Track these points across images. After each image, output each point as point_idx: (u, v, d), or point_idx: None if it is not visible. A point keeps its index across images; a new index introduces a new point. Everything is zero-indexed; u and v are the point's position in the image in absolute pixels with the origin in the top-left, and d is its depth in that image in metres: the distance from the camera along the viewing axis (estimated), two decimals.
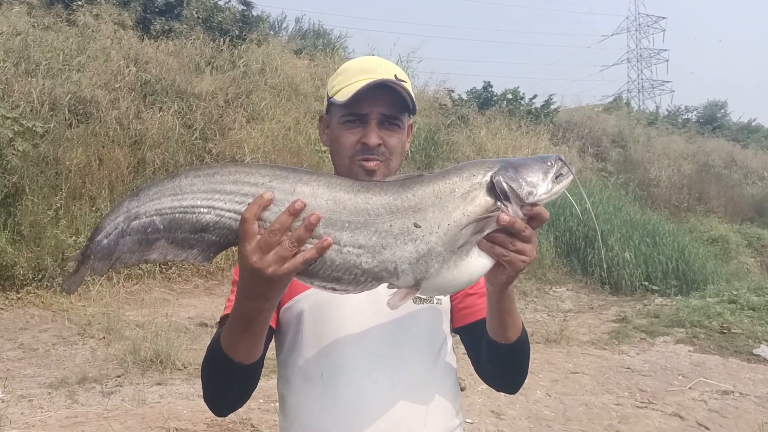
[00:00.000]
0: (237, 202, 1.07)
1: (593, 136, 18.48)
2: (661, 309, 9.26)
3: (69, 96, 9.01)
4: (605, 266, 10.92)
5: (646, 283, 10.75)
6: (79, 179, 8.40)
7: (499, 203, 1.10)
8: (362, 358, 1.39)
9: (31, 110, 8.47)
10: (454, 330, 1.53)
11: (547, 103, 18.48)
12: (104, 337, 6.39)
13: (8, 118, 7.87)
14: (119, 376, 5.41)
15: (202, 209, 1.07)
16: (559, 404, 5.38)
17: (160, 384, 5.28)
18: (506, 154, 14.59)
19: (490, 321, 1.33)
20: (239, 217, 1.05)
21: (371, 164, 1.39)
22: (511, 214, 1.09)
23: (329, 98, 1.47)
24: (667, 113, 28.39)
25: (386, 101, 1.39)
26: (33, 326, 6.51)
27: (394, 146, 1.42)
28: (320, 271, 1.07)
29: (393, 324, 1.41)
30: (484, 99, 17.93)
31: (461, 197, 1.10)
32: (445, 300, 1.49)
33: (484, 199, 1.10)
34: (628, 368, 6.49)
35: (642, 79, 45.50)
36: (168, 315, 6.96)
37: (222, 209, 1.07)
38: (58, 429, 4.31)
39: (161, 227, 1.08)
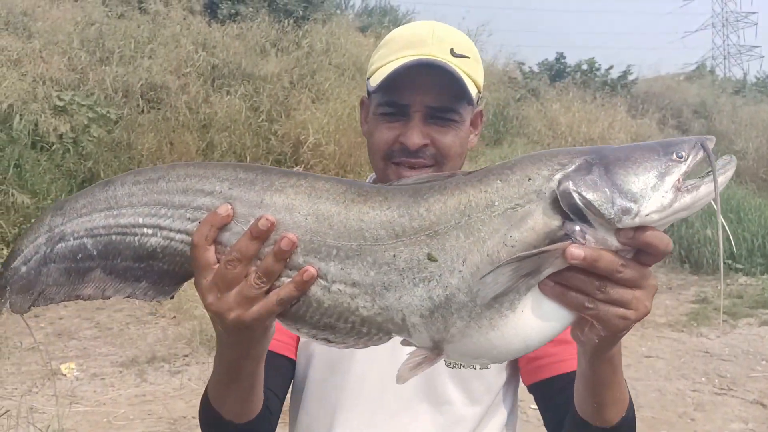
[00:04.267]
0: (188, 219, 0.80)
1: (674, 107, 17.60)
2: (745, 289, 8.76)
3: (141, 83, 9.29)
4: (687, 243, 10.41)
5: (730, 262, 10.17)
6: (151, 163, 8.66)
7: (569, 226, 0.71)
8: (367, 429, 1.10)
9: (105, 97, 8.80)
10: (528, 388, 1.17)
11: (625, 74, 17.71)
12: (174, 317, 6.59)
13: (83, 105, 8.19)
14: (186, 356, 5.56)
15: (145, 230, 0.81)
16: (630, 389, 5.13)
17: None
18: (580, 129, 14.11)
19: (581, 395, 0.94)
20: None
21: (411, 171, 1.05)
22: (593, 244, 0.70)
23: (368, 78, 1.15)
24: (755, 80, 26.67)
25: (435, 88, 1.04)
26: (109, 306, 6.76)
27: (447, 146, 1.06)
28: (306, 314, 0.77)
29: (415, 390, 1.09)
30: (556, 71, 17.38)
31: (503, 215, 0.73)
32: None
33: (542, 219, 0.72)
34: (707, 352, 6.16)
35: (728, 44, 42.92)
36: None
37: (171, 229, 0.80)
38: (127, 407, 4.46)
39: (95, 253, 0.82)
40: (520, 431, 1.22)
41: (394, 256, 0.75)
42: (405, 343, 0.79)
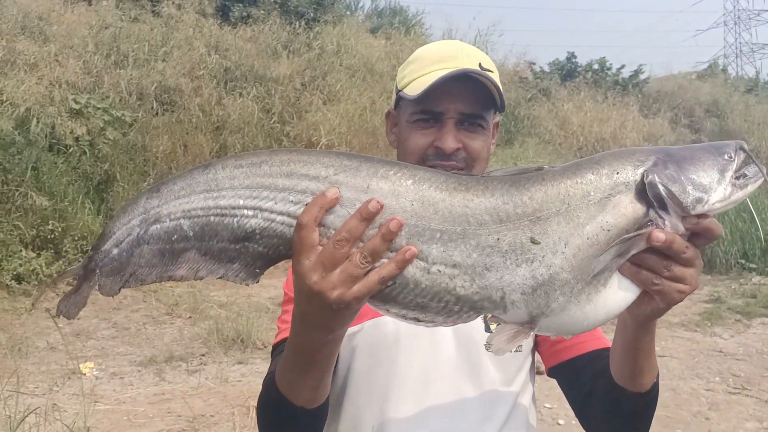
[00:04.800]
0: (291, 201, 0.83)
1: (686, 106, 17.53)
2: (759, 288, 8.71)
3: (155, 85, 9.38)
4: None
5: (743, 261, 10.12)
6: (166, 165, 8.76)
7: (652, 213, 0.82)
8: (419, 415, 1.15)
9: (120, 100, 8.89)
10: (549, 371, 1.27)
11: (636, 73, 17.64)
12: (190, 317, 6.67)
13: (99, 108, 8.29)
14: (203, 355, 5.63)
15: (245, 211, 0.83)
16: None
17: (241, 363, 5.45)
18: (591, 128, 14.10)
19: (619, 363, 1.04)
20: (294, 222, 0.81)
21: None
22: (669, 229, 0.80)
23: (398, 91, 1.25)
24: None
25: (468, 96, 1.15)
26: (125, 306, 6.86)
27: (477, 151, 1.17)
28: (400, 295, 0.82)
29: (459, 373, 1.17)
30: (567, 70, 17.32)
31: (598, 204, 0.82)
32: (527, 341, 1.22)
33: (631, 207, 0.82)
34: (721, 352, 6.15)
35: (740, 42, 42.64)
36: (249, 295, 7.19)
37: (272, 211, 0.83)
38: (146, 405, 4.53)
39: (191, 234, 0.84)
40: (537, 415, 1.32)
41: (498, 239, 0.81)
42: (493, 319, 0.85)
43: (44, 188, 7.31)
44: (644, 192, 0.82)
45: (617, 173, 0.84)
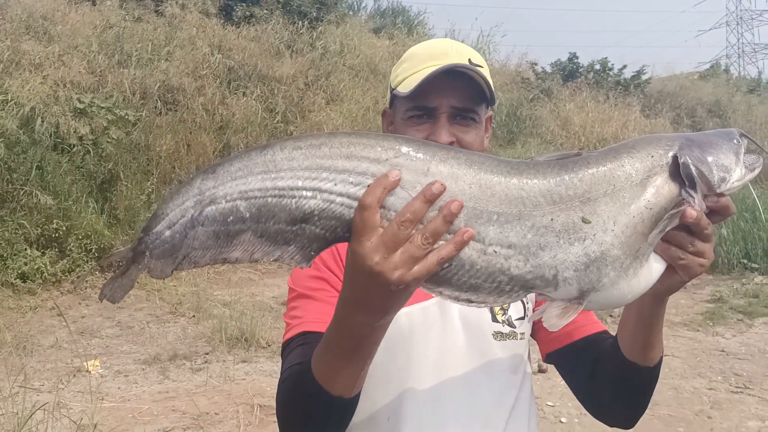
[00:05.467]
0: (352, 183, 0.82)
1: (688, 106, 17.51)
2: (761, 288, 8.72)
3: (158, 85, 9.41)
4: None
5: (745, 261, 10.12)
6: (169, 165, 8.79)
7: (683, 192, 0.88)
8: (434, 403, 1.17)
9: (123, 99, 8.92)
10: (547, 357, 1.31)
11: (638, 73, 17.63)
12: (194, 316, 6.69)
13: (102, 107, 8.31)
14: (207, 354, 5.65)
15: (304, 192, 0.82)
16: None
17: (245, 361, 5.48)
18: (593, 129, 14.10)
19: (632, 337, 1.09)
20: (355, 204, 0.81)
21: None
22: (697, 206, 0.87)
23: (392, 90, 1.29)
24: None
25: (459, 91, 1.19)
26: (129, 305, 6.88)
27: (470, 143, 1.21)
28: (454, 276, 0.84)
29: (470, 362, 1.20)
30: (569, 71, 17.32)
31: (640, 184, 0.88)
32: (527, 329, 1.27)
33: (667, 187, 0.88)
34: (723, 351, 6.17)
35: (742, 42, 42.61)
36: (253, 294, 7.21)
37: (331, 192, 0.83)
38: (151, 403, 4.55)
39: (247, 216, 0.83)
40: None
41: (552, 219, 0.85)
42: (541, 297, 0.89)
43: (49, 187, 7.35)
44: (677, 173, 0.89)
45: (652, 156, 0.90)
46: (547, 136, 13.71)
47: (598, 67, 17.53)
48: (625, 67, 17.74)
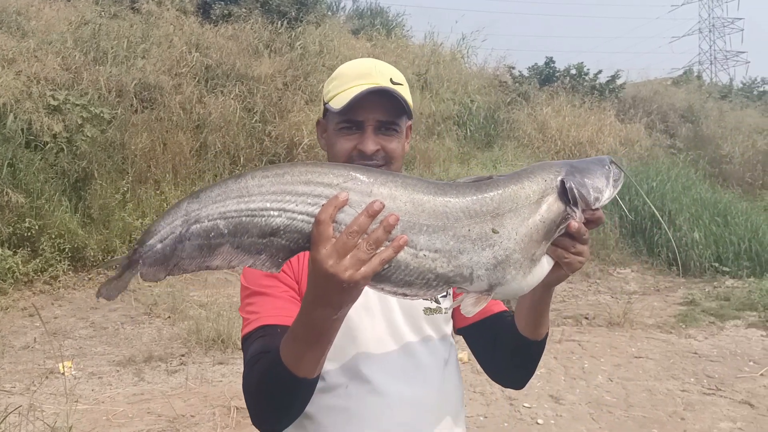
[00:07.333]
0: (310, 203, 1.02)
1: (661, 112, 17.74)
2: (732, 291, 8.89)
3: (134, 82, 9.27)
4: (674, 246, 10.54)
5: (717, 265, 10.31)
6: (145, 163, 8.67)
7: (568, 208, 1.11)
8: (384, 369, 1.39)
9: (98, 97, 8.77)
10: (458, 330, 1.56)
11: (613, 78, 17.84)
12: (169, 317, 6.61)
13: (77, 105, 8.18)
14: (183, 355, 5.59)
15: (272, 212, 1.02)
16: (621, 390, 5.25)
17: (221, 363, 5.43)
18: (569, 133, 14.22)
19: (526, 318, 1.35)
20: (312, 220, 1.01)
21: None
22: (578, 219, 1.10)
23: (325, 103, 1.46)
24: (741, 86, 26.98)
25: (382, 107, 1.39)
26: (103, 306, 6.78)
27: (393, 150, 1.42)
28: (393, 275, 1.04)
29: (408, 334, 1.44)
30: (546, 75, 17.46)
31: (536, 202, 1.10)
32: (449, 305, 1.51)
33: (556, 205, 1.11)
34: (695, 353, 6.27)
35: (714, 50, 43.39)
36: (230, 296, 7.14)
37: (294, 211, 1.02)
38: (126, 406, 4.49)
39: (225, 231, 1.02)
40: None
41: (469, 230, 1.06)
42: (459, 289, 1.10)
43: (21, 185, 7.21)
44: (564, 193, 1.11)
45: (545, 180, 1.12)
46: (524, 140, 13.79)
47: (574, 71, 17.69)
48: (600, 72, 17.94)
